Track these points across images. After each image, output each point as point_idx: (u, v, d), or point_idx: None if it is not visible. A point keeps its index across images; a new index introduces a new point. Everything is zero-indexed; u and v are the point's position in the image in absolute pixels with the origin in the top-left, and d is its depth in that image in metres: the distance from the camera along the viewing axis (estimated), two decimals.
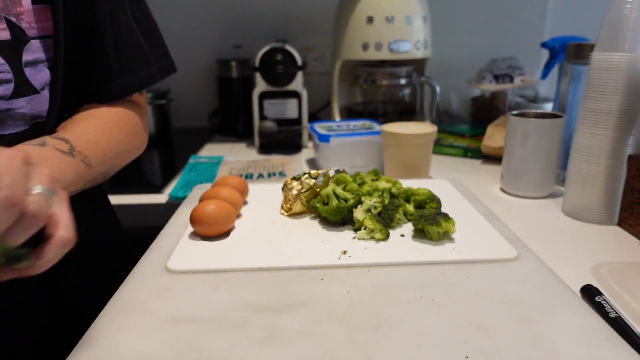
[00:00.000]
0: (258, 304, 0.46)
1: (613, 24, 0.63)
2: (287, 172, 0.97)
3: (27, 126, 0.50)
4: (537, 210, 0.75)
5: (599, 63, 0.65)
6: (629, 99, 0.63)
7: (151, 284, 0.50)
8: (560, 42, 0.99)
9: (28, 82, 0.49)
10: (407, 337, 0.41)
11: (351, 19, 1.12)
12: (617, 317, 0.44)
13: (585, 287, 0.50)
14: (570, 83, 0.85)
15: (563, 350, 0.39)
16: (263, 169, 0.99)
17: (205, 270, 0.52)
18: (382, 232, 0.58)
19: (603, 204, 0.68)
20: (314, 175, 0.68)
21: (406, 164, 0.85)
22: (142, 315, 0.44)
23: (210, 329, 0.42)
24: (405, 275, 0.50)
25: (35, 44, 0.49)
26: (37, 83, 0.49)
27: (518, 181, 0.80)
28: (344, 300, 0.46)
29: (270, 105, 1.16)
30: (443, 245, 0.57)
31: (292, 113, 1.17)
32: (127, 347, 0.40)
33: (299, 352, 0.39)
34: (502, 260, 0.54)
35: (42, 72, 0.50)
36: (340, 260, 0.53)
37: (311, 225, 0.63)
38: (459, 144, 1.09)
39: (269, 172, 0.98)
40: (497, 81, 1.16)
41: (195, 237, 0.59)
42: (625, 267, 0.57)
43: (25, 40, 0.48)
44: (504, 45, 1.40)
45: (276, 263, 0.53)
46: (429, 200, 0.64)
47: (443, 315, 0.43)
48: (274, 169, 0.99)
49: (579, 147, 0.69)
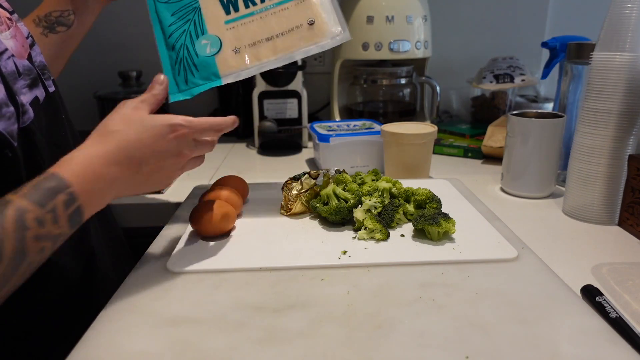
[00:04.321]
0: (258, 304, 0.46)
1: (614, 24, 0.63)
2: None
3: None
4: (537, 210, 0.75)
5: (599, 63, 0.65)
6: (630, 98, 0.63)
7: (151, 284, 0.50)
8: (560, 41, 0.99)
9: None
10: (407, 337, 0.41)
11: (351, 19, 1.12)
12: (618, 317, 0.44)
13: (585, 287, 0.50)
14: (571, 83, 0.85)
15: (563, 351, 0.39)
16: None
17: (205, 270, 0.52)
18: (382, 232, 0.58)
19: (603, 204, 0.68)
20: (314, 175, 0.68)
21: (406, 164, 0.85)
22: (142, 315, 0.44)
23: (210, 329, 0.42)
24: (405, 275, 0.50)
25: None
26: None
27: (518, 181, 0.80)
28: (344, 300, 0.46)
29: (270, 105, 1.16)
30: (443, 245, 0.57)
31: (292, 113, 1.17)
32: (127, 347, 0.40)
33: (299, 352, 0.39)
34: (503, 260, 0.53)
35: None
36: (340, 260, 0.53)
37: (311, 225, 0.63)
38: (459, 144, 1.09)
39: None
40: (498, 81, 1.16)
41: (195, 237, 0.59)
42: (626, 267, 0.57)
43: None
44: (504, 45, 1.39)
45: (276, 263, 0.53)
46: (429, 200, 0.64)
47: (443, 316, 0.43)
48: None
49: (580, 147, 0.69)
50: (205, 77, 0.60)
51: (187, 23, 0.62)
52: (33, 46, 0.54)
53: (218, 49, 0.60)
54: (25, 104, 0.48)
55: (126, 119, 0.47)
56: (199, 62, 0.60)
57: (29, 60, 0.51)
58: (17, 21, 0.53)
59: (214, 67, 0.60)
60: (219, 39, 0.61)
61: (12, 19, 0.51)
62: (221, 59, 0.60)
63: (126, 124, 0.47)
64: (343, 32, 0.61)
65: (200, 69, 0.60)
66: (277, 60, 0.61)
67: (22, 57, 0.50)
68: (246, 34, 0.61)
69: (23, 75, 0.49)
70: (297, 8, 0.61)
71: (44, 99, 0.53)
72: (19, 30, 0.52)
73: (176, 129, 0.49)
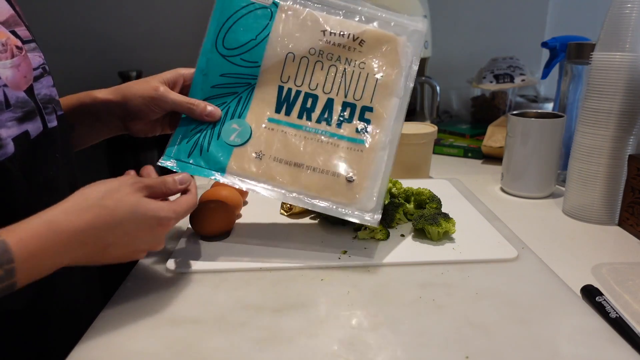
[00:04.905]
0: (258, 304, 0.46)
1: (614, 24, 0.63)
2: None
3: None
4: (537, 210, 0.75)
5: (599, 63, 0.65)
6: (630, 98, 0.63)
7: (151, 284, 0.50)
8: (560, 41, 0.98)
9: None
10: (407, 337, 0.41)
11: None
12: (618, 317, 0.44)
13: (585, 287, 0.50)
14: (571, 83, 0.85)
15: (563, 351, 0.39)
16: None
17: (205, 270, 0.52)
18: (382, 232, 0.58)
19: (603, 204, 0.68)
20: None
21: (406, 164, 0.85)
22: (142, 315, 0.44)
23: (210, 329, 0.42)
24: (405, 275, 0.50)
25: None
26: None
27: (518, 181, 0.80)
28: (344, 300, 0.46)
29: None
30: (443, 245, 0.57)
31: None
32: (127, 347, 0.40)
33: (299, 352, 0.39)
34: (503, 260, 0.53)
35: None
36: (340, 260, 0.53)
37: (311, 225, 0.63)
38: (459, 144, 1.09)
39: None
40: (498, 81, 1.16)
41: (195, 237, 0.59)
42: (626, 267, 0.57)
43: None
44: (504, 45, 1.39)
45: (276, 263, 0.53)
46: (429, 200, 0.64)
47: (443, 316, 0.43)
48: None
49: (580, 147, 0.69)
50: (210, 165, 0.53)
51: (231, 96, 0.54)
52: (41, 78, 0.50)
53: (243, 142, 0.53)
54: (4, 138, 0.44)
55: (118, 198, 0.42)
56: (215, 145, 0.53)
57: (28, 92, 0.48)
58: (33, 50, 0.50)
59: (225, 160, 0.53)
60: (251, 131, 0.53)
61: (22, 48, 0.48)
62: (238, 155, 0.53)
63: (115, 203, 0.42)
64: (374, 213, 0.51)
65: (211, 153, 0.53)
66: (286, 192, 0.52)
67: (18, 88, 0.46)
68: (279, 143, 0.53)
69: (13, 107, 0.45)
70: (347, 153, 0.52)
71: (39, 135, 0.48)
72: (26, 60, 0.48)
73: (164, 222, 0.45)
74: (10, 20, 0.48)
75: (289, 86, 0.54)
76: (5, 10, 0.47)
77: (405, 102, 0.54)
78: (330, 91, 0.54)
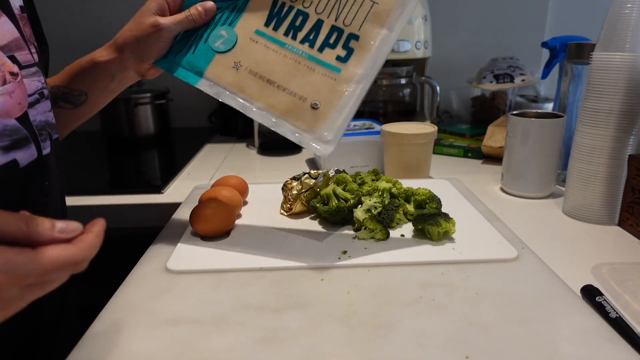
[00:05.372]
0: (258, 304, 0.46)
1: (614, 24, 0.63)
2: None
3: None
4: (537, 210, 0.75)
5: (599, 63, 0.65)
6: (630, 98, 0.63)
7: (151, 284, 0.50)
8: (560, 41, 0.99)
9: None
10: (407, 337, 0.41)
11: None
12: (618, 317, 0.44)
13: (585, 287, 0.50)
14: (571, 83, 0.85)
15: (563, 351, 0.39)
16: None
17: (205, 270, 0.52)
18: (382, 232, 0.58)
19: (603, 204, 0.68)
20: (314, 175, 0.67)
21: (406, 164, 0.85)
22: (142, 315, 0.44)
23: (210, 329, 0.42)
24: (405, 275, 0.50)
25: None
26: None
27: (518, 181, 0.80)
28: (344, 300, 0.46)
29: None
30: (443, 245, 0.57)
31: None
32: (127, 347, 0.40)
33: (299, 352, 0.39)
34: (503, 260, 0.53)
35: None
36: (340, 260, 0.53)
37: (311, 225, 0.63)
38: (459, 144, 1.09)
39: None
40: (498, 81, 1.16)
41: (195, 237, 0.59)
42: (626, 267, 0.57)
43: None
44: (504, 45, 1.40)
45: (276, 263, 0.53)
46: (429, 200, 0.64)
47: (443, 316, 0.43)
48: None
49: (580, 147, 0.69)
50: (191, 67, 0.53)
51: (228, 1, 0.54)
52: (37, 104, 0.49)
53: (226, 50, 0.53)
54: None
55: None
56: (201, 48, 0.53)
57: (22, 118, 0.46)
58: (32, 75, 0.48)
59: (204, 65, 0.53)
60: (236, 40, 0.53)
61: (18, 73, 0.46)
62: (217, 62, 0.53)
63: None
64: (328, 145, 0.50)
65: (195, 56, 0.53)
66: (251, 106, 0.52)
67: (8, 116, 0.45)
68: (259, 57, 0.53)
69: (2, 136, 0.44)
70: (321, 79, 0.51)
71: (30, 163, 0.47)
72: (21, 86, 0.46)
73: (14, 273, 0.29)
74: (12, 44, 0.46)
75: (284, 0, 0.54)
76: (9, 33, 0.46)
77: (393, 38, 0.52)
78: (323, 11, 0.53)
